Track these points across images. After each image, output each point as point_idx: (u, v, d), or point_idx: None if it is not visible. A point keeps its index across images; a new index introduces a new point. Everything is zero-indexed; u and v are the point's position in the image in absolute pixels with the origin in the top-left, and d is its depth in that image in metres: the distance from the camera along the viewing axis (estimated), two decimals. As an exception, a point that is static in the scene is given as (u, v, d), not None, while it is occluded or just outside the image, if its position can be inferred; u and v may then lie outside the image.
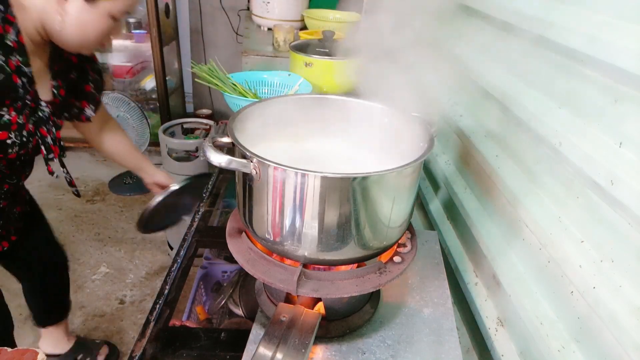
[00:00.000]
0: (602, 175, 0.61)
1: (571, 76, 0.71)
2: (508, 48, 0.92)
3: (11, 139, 0.92)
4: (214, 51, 3.26)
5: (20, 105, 0.92)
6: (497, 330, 0.85)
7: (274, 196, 0.64)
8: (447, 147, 1.20)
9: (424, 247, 0.98)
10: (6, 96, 0.88)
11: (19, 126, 0.92)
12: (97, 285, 2.12)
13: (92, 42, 0.93)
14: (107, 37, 0.94)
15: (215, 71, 1.38)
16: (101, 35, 0.92)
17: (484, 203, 0.97)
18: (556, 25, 0.74)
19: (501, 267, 0.86)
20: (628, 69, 0.58)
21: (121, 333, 1.89)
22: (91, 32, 0.91)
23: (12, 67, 0.87)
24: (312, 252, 0.68)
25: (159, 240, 2.43)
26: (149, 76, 3.01)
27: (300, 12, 2.21)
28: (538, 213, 0.77)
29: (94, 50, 1.02)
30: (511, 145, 0.88)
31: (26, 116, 0.94)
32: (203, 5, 3.19)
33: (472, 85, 1.05)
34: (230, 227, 0.80)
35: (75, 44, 0.94)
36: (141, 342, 0.80)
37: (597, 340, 0.61)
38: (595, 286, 0.61)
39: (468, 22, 1.13)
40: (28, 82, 0.92)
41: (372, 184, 0.63)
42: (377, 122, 0.85)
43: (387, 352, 0.73)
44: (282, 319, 0.70)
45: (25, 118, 0.94)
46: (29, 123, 0.95)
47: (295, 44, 1.54)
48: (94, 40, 0.93)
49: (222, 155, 0.63)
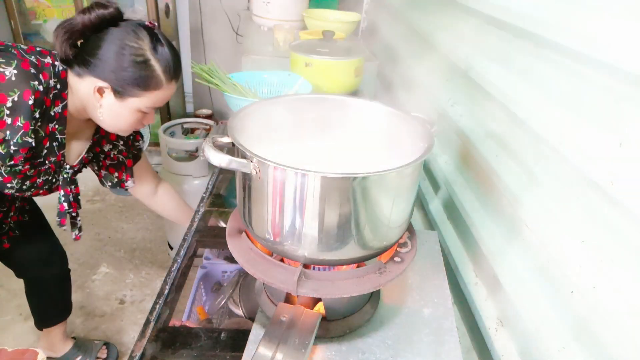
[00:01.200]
0: (602, 175, 0.61)
1: (571, 76, 0.71)
2: (508, 48, 0.92)
3: (11, 183, 1.03)
4: (214, 51, 3.26)
5: (38, 162, 1.02)
6: (497, 330, 0.85)
7: (274, 196, 0.64)
8: (447, 147, 1.20)
9: (424, 247, 0.98)
10: (31, 153, 0.98)
11: (25, 176, 1.03)
12: (97, 285, 2.12)
13: (125, 129, 1.04)
14: (139, 124, 1.05)
15: (215, 71, 1.38)
16: (132, 124, 1.03)
17: (484, 203, 0.97)
18: (557, 26, 0.74)
19: (501, 267, 0.86)
20: (628, 69, 0.58)
21: (121, 333, 1.89)
22: (123, 123, 1.02)
23: (47, 131, 0.98)
24: (312, 252, 0.68)
25: (159, 240, 2.43)
26: (149, 76, 3.00)
27: (300, 12, 2.21)
28: (538, 213, 0.77)
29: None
30: (511, 145, 0.88)
31: (38, 171, 1.05)
32: (203, 5, 3.18)
33: (472, 84, 1.05)
34: (230, 227, 0.80)
35: (111, 129, 1.05)
36: (141, 342, 0.80)
37: (597, 340, 0.61)
38: (595, 286, 0.61)
39: (469, 23, 1.13)
40: (58, 146, 1.03)
41: (372, 184, 0.63)
42: (377, 122, 0.85)
43: (387, 352, 0.73)
44: (282, 319, 0.70)
45: (37, 172, 1.05)
46: (39, 177, 1.06)
47: (295, 44, 1.54)
48: (126, 128, 1.04)
49: (222, 155, 0.63)
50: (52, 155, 1.03)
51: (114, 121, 1.01)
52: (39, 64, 0.90)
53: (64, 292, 1.61)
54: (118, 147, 1.22)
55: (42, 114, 0.92)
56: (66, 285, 1.60)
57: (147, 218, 2.60)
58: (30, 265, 1.45)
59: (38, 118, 0.91)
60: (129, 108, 0.98)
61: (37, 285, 1.53)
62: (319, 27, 1.97)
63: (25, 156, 0.95)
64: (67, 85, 0.96)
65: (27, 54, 0.90)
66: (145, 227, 2.54)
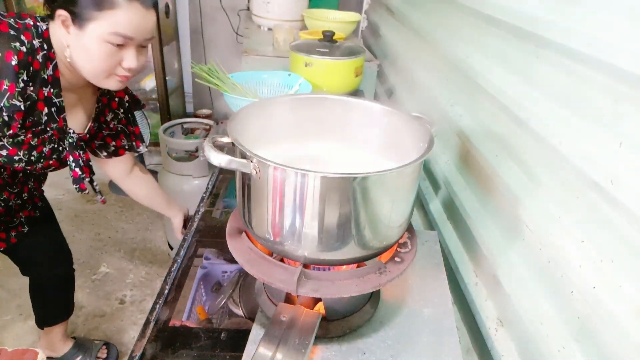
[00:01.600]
0: (602, 175, 0.61)
1: (571, 76, 0.71)
2: (508, 48, 0.92)
3: (19, 155, 1.01)
4: (214, 51, 3.26)
5: (40, 129, 1.00)
6: (497, 330, 0.85)
7: (274, 196, 0.64)
8: (447, 147, 1.20)
9: (424, 247, 0.98)
10: (28, 119, 0.95)
11: (30, 147, 1.01)
12: (97, 285, 2.12)
13: (102, 68, 0.94)
14: (114, 62, 0.94)
15: (215, 71, 1.38)
16: (106, 60, 0.92)
17: (484, 203, 0.97)
18: (557, 26, 0.74)
19: (501, 267, 0.86)
20: (628, 69, 0.58)
21: (121, 333, 1.89)
22: (96, 59, 0.92)
23: (41, 96, 0.95)
24: (312, 252, 0.68)
25: (159, 240, 2.43)
26: (149, 76, 3.00)
27: (300, 12, 2.21)
28: (538, 213, 0.77)
29: (119, 83, 1.00)
30: (511, 145, 0.88)
31: (42, 140, 1.02)
32: (203, 5, 3.18)
33: (472, 84, 1.05)
34: (230, 227, 0.80)
35: (90, 74, 0.96)
36: (141, 342, 0.80)
37: (597, 340, 0.61)
38: (595, 286, 0.61)
39: (469, 23, 1.13)
40: (57, 111, 1.00)
41: (372, 184, 0.63)
42: (377, 122, 0.85)
43: (387, 352, 0.73)
44: (282, 319, 0.70)
45: (40, 141, 1.02)
46: (45, 146, 1.04)
47: (295, 44, 1.54)
48: (103, 67, 0.93)
49: (222, 155, 0.63)
50: (52, 121, 1.01)
51: (86, 60, 0.93)
52: (19, 26, 0.89)
53: (67, 292, 1.61)
54: (119, 116, 1.20)
55: (31, 76, 0.90)
56: (70, 286, 1.61)
57: (147, 218, 2.60)
58: (36, 263, 1.45)
59: (28, 80, 0.90)
60: (92, 37, 0.89)
61: (42, 283, 1.53)
62: (319, 27, 1.97)
63: (24, 124, 0.93)
64: (51, 44, 0.94)
65: (4, 18, 0.89)
66: (145, 227, 2.54)
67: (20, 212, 1.30)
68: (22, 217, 1.31)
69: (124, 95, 1.20)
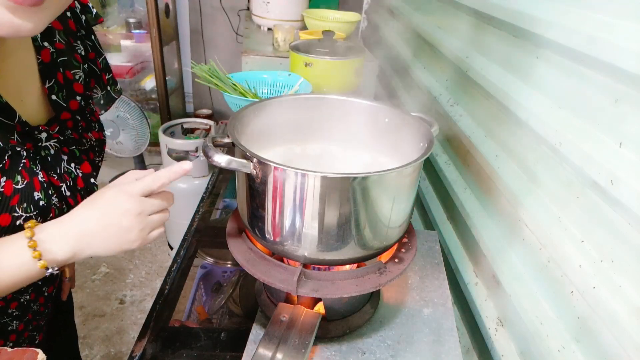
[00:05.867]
0: (602, 175, 0.61)
1: (571, 76, 0.71)
2: (508, 48, 0.92)
3: (18, 212, 0.61)
4: (214, 51, 3.26)
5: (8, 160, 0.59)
6: (497, 330, 0.85)
7: (274, 196, 0.64)
8: (447, 147, 1.20)
9: (424, 247, 0.98)
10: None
11: (22, 195, 0.61)
12: (97, 285, 2.12)
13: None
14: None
15: (215, 71, 1.38)
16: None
17: (484, 203, 0.97)
18: (557, 26, 0.74)
19: (501, 267, 0.86)
20: (628, 69, 0.58)
21: (121, 333, 1.89)
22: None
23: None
24: (312, 252, 0.68)
25: (159, 240, 2.43)
26: (149, 76, 3.01)
27: (300, 12, 2.21)
28: (538, 213, 0.77)
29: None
30: (511, 145, 0.88)
31: (23, 171, 0.61)
32: (203, 5, 3.19)
33: (472, 84, 1.05)
34: (230, 227, 0.80)
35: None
36: (141, 342, 0.80)
37: (597, 340, 0.61)
38: (595, 286, 0.61)
39: (469, 23, 1.13)
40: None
41: (372, 184, 0.63)
42: (377, 122, 0.85)
43: (387, 352, 0.73)
44: (282, 319, 0.70)
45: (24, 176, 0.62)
46: (8, 176, 0.60)
47: (295, 44, 1.54)
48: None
49: (222, 155, 0.63)
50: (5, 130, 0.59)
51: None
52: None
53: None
54: (79, 66, 0.76)
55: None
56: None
57: (147, 218, 2.59)
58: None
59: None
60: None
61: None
62: (319, 27, 1.97)
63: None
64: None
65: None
66: (145, 227, 2.53)
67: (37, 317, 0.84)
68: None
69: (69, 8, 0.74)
